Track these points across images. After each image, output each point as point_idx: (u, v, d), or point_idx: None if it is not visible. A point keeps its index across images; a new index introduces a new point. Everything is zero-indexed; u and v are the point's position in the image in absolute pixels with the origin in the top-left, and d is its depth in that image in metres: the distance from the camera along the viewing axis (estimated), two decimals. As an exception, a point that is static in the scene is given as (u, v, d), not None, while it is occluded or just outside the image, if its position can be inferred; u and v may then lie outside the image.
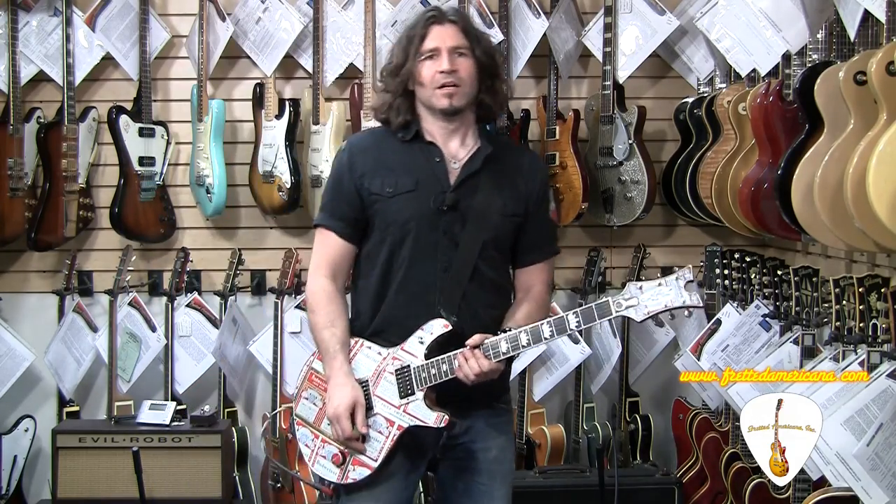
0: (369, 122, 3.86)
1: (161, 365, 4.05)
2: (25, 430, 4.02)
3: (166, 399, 3.96)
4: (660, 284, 2.26)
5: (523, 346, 2.32)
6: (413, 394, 2.37)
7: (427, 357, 2.37)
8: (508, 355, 2.33)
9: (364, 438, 2.39)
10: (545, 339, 2.31)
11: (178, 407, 3.85)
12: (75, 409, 4.07)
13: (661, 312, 2.27)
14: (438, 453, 2.49)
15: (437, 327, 2.37)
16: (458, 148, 2.46)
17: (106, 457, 3.67)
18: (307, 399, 2.51)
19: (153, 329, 4.03)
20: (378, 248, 2.45)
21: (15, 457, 3.97)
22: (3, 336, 4.00)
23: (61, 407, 4.06)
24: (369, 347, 2.44)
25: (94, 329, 4.06)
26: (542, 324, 2.30)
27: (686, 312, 2.29)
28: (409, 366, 2.38)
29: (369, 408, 2.41)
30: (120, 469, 3.60)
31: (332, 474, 2.44)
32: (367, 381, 2.42)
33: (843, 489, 2.57)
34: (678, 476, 3.79)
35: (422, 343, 2.37)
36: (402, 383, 2.38)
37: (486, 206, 2.41)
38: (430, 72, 2.39)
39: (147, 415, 3.76)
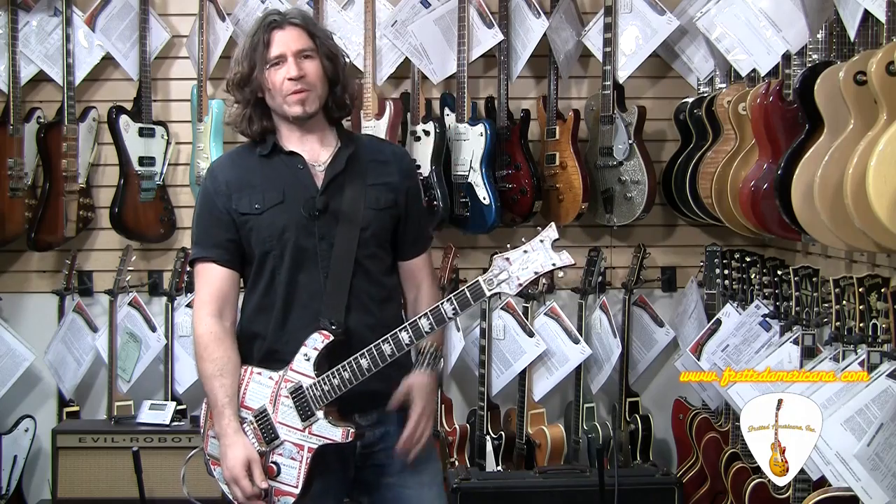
0: (369, 122, 3.87)
1: (161, 365, 4.05)
2: (25, 430, 4.02)
3: (166, 399, 3.96)
4: (525, 251, 2.21)
5: (406, 345, 2.29)
6: (313, 414, 2.33)
7: (318, 373, 2.32)
8: (397, 355, 2.30)
9: (266, 493, 2.33)
10: (426, 332, 2.28)
11: (178, 407, 3.85)
12: (75, 409, 4.08)
13: (533, 280, 2.22)
14: (359, 462, 2.44)
15: (318, 340, 2.32)
16: (318, 151, 2.43)
17: (106, 457, 3.68)
18: (215, 437, 2.42)
19: (153, 329, 4.03)
20: (259, 268, 2.40)
21: (15, 457, 3.97)
22: (3, 336, 4.00)
23: (61, 407, 4.06)
24: (259, 374, 2.38)
25: (94, 329, 4.06)
26: (420, 317, 2.27)
27: (561, 273, 2.25)
28: (301, 386, 2.33)
29: (275, 437, 2.36)
30: (120, 469, 3.60)
31: None
32: (264, 409, 2.37)
33: (843, 489, 2.57)
34: (678, 476, 3.79)
35: (308, 360, 2.33)
36: (300, 405, 2.33)
37: (356, 203, 2.38)
38: (279, 79, 2.34)
39: (147, 415, 3.76)
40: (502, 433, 3.99)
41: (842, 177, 2.49)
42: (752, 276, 3.53)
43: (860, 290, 2.75)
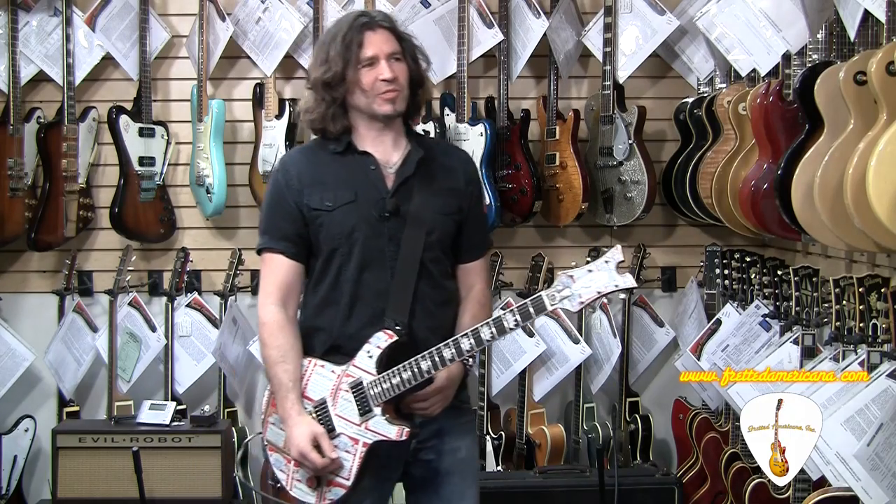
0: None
1: (161, 365, 4.05)
2: (25, 430, 4.02)
3: (166, 399, 3.96)
4: (590, 270, 2.23)
5: (467, 351, 2.31)
6: (371, 410, 2.37)
7: (379, 370, 2.36)
8: (455, 360, 2.34)
9: (337, 460, 2.38)
10: (486, 341, 2.31)
11: (178, 407, 3.85)
12: (75, 409, 4.07)
13: (596, 299, 2.24)
14: (410, 457, 2.49)
15: (382, 339, 2.37)
16: (391, 152, 2.48)
17: (106, 457, 3.67)
18: (274, 424, 2.49)
19: (153, 329, 4.03)
20: (326, 263, 2.44)
21: (15, 457, 3.97)
22: (3, 336, 4.00)
23: (61, 407, 4.06)
24: (322, 366, 2.43)
25: (94, 329, 4.06)
26: (482, 326, 2.30)
27: (621, 295, 2.27)
28: (361, 382, 2.37)
29: (331, 429, 2.40)
30: (120, 469, 3.60)
31: (310, 497, 2.44)
32: (324, 401, 2.41)
33: (843, 489, 2.57)
34: (678, 476, 3.79)
35: (370, 357, 2.37)
36: (359, 401, 2.38)
37: (424, 207, 2.44)
38: (371, 79, 2.39)
39: (147, 415, 3.76)
40: (502, 433, 3.99)
41: (842, 177, 2.49)
42: (752, 276, 3.53)
43: (860, 290, 2.75)
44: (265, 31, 4.01)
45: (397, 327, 2.37)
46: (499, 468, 3.92)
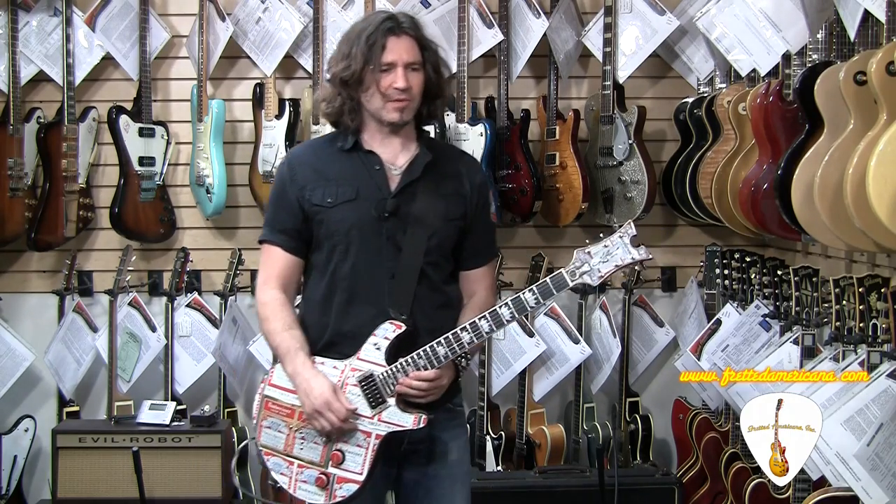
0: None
1: (161, 365, 4.05)
2: (25, 430, 4.02)
3: (166, 399, 3.96)
4: (605, 245, 2.30)
5: (486, 332, 2.33)
6: (384, 401, 2.37)
7: (388, 362, 2.36)
8: (475, 343, 2.34)
9: (353, 414, 2.36)
10: (507, 321, 2.33)
11: (178, 407, 3.85)
12: (75, 409, 4.07)
13: (614, 272, 2.31)
14: (401, 458, 2.47)
15: (389, 330, 2.37)
16: (397, 154, 2.47)
17: (106, 457, 3.67)
18: (270, 428, 2.45)
19: (153, 329, 4.03)
20: (324, 259, 2.45)
21: (15, 457, 3.97)
22: (3, 336, 4.00)
23: (61, 407, 4.06)
24: (322, 363, 2.41)
25: (94, 329, 4.06)
26: (501, 306, 2.31)
27: (637, 267, 2.33)
28: (371, 374, 2.37)
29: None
30: (120, 469, 3.60)
31: (318, 497, 2.40)
32: None
33: (843, 489, 2.57)
34: (678, 476, 3.79)
35: (378, 349, 2.37)
36: (370, 393, 2.37)
37: (426, 211, 2.43)
38: (385, 84, 2.39)
39: (147, 415, 3.76)
40: (502, 433, 3.99)
41: (842, 177, 2.49)
42: (752, 276, 3.53)
43: (860, 290, 2.75)
44: (265, 31, 4.01)
45: (403, 317, 2.37)
46: (499, 468, 3.92)
